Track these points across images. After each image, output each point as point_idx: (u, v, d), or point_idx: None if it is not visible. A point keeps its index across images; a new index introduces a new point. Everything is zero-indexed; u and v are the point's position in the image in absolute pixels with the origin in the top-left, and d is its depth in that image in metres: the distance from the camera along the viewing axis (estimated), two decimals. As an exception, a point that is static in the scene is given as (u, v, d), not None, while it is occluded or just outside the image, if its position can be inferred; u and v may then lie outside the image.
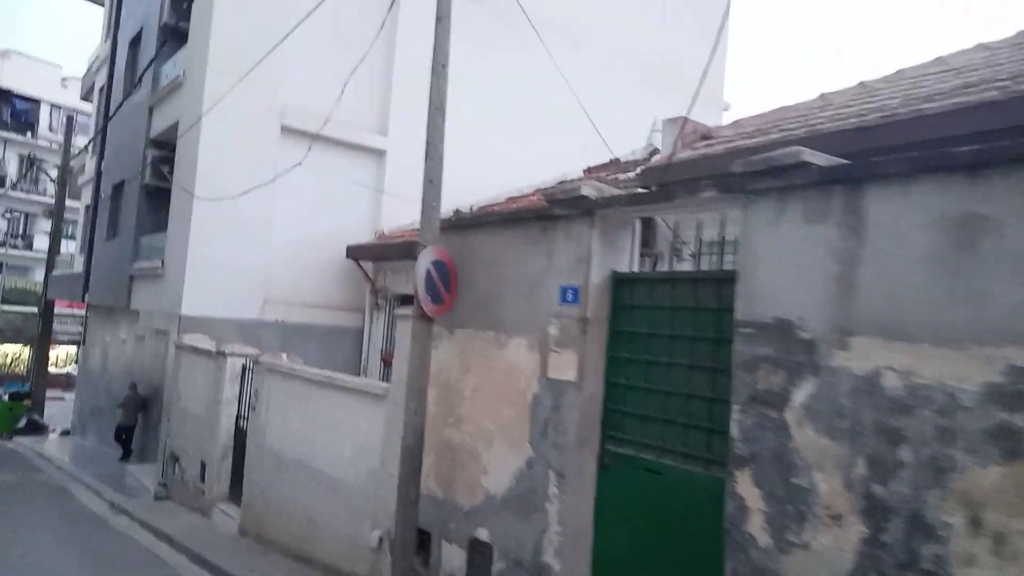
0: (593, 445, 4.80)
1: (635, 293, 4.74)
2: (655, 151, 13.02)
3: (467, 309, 5.85)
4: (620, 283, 4.84)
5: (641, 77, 17.78)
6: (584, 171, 13.41)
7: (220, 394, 10.07)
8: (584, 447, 4.80)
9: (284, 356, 9.00)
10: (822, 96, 8.28)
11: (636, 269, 5.72)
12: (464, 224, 6.05)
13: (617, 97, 17.04)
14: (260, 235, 12.95)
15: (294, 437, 8.02)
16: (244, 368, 10.17)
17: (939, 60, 7.51)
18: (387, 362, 12.94)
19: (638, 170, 8.90)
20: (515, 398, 5.28)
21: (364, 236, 14.04)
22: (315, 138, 13.41)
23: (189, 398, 11.18)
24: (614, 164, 13.24)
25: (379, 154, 14.34)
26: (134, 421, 14.77)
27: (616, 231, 4.94)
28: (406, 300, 13.59)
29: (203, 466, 10.35)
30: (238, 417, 10.06)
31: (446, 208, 14.59)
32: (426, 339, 5.69)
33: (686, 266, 6.51)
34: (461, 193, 14.62)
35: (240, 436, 9.95)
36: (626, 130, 17.29)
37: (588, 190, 4.75)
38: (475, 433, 5.60)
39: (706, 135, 8.76)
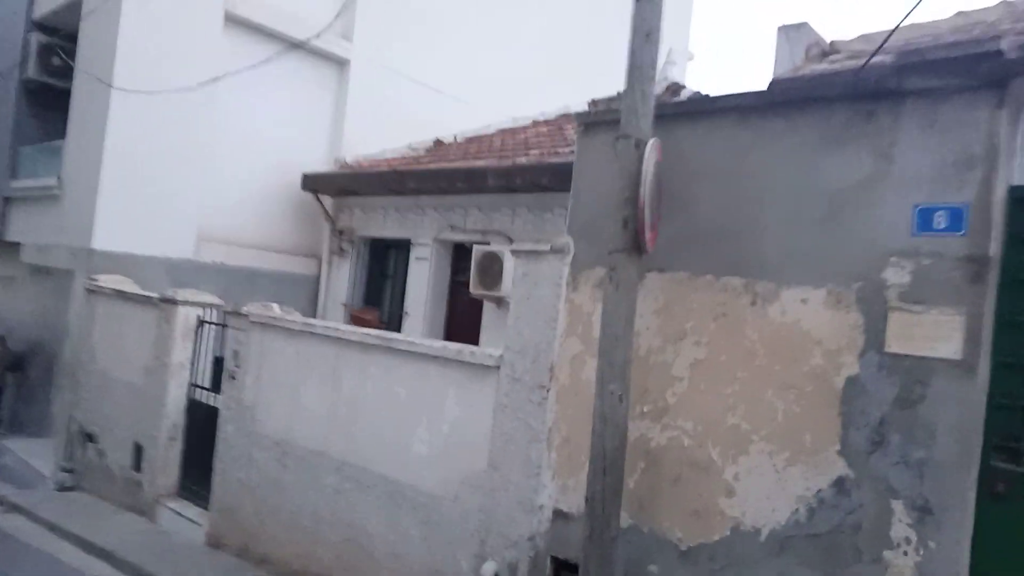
0: (974, 460, 2.94)
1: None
2: (674, 86, 11.18)
3: (675, 243, 3.77)
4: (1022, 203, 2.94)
5: (604, 17, 15.78)
6: (590, 103, 11.34)
7: (168, 356, 7.31)
8: (963, 465, 2.92)
9: (276, 307, 6.46)
10: (960, 14, 6.73)
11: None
12: (679, 112, 3.88)
13: (580, 36, 15.03)
14: (196, 153, 9.93)
15: (314, 421, 5.59)
16: (200, 322, 7.47)
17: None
18: (357, 319, 10.44)
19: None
20: (801, 383, 3.30)
21: (321, 165, 11.32)
22: (266, 34, 10.53)
23: (111, 359, 8.25)
24: (617, 98, 11.29)
25: (341, 64, 11.53)
26: (1, 383, 11.43)
27: (1011, 121, 3.02)
28: (380, 244, 11.12)
29: (138, 450, 7.57)
30: (191, 386, 7.39)
31: (418, 140, 12.15)
32: (633, 285, 3.55)
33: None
34: (435, 126, 12.22)
35: (197, 412, 7.29)
36: (595, 68, 15.38)
37: (1006, 44, 2.80)
38: (704, 433, 3.58)
39: (828, 51, 7.08)
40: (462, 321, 9.50)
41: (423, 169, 9.27)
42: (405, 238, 10.07)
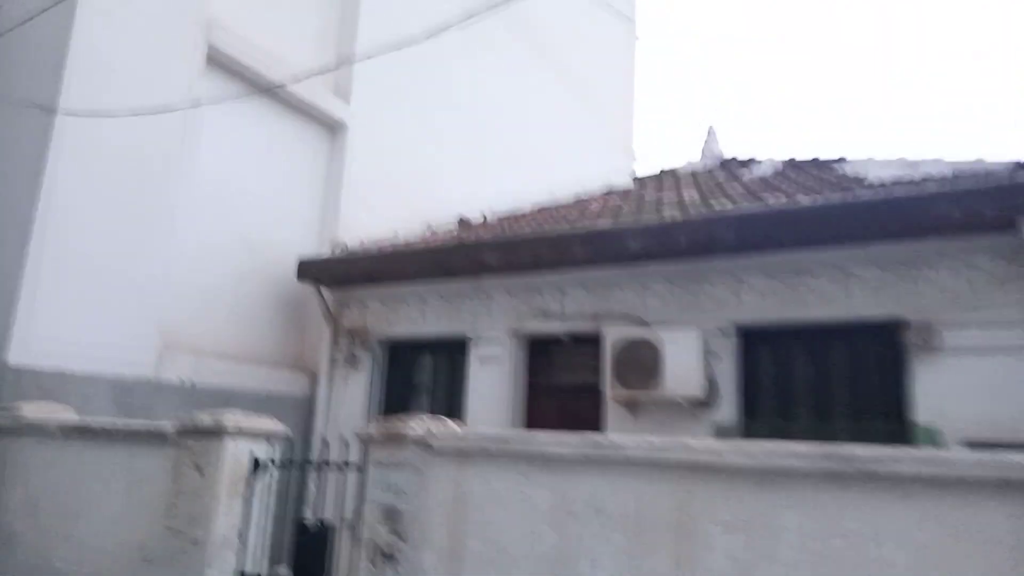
0: None
1: None
2: (724, 159, 9.79)
3: None
4: None
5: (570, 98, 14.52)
6: (634, 180, 9.66)
7: (203, 526, 4.03)
8: None
9: (451, 423, 3.66)
10: None
11: None
12: None
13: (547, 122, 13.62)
14: (162, 228, 6.86)
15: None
16: (257, 464, 4.34)
17: None
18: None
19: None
20: None
21: (312, 250, 8.53)
22: (251, 83, 7.92)
23: (55, 541, 4.71)
24: (669, 174, 9.72)
25: (336, 128, 8.99)
26: None
27: None
28: (408, 347, 8.18)
29: None
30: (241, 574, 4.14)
31: (432, 221, 9.66)
32: None
33: None
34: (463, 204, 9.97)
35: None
36: (569, 151, 13.96)
37: None
38: None
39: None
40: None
41: (512, 238, 6.85)
42: (457, 335, 7.41)
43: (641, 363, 5.90)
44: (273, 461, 4.31)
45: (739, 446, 2.73)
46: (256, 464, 4.28)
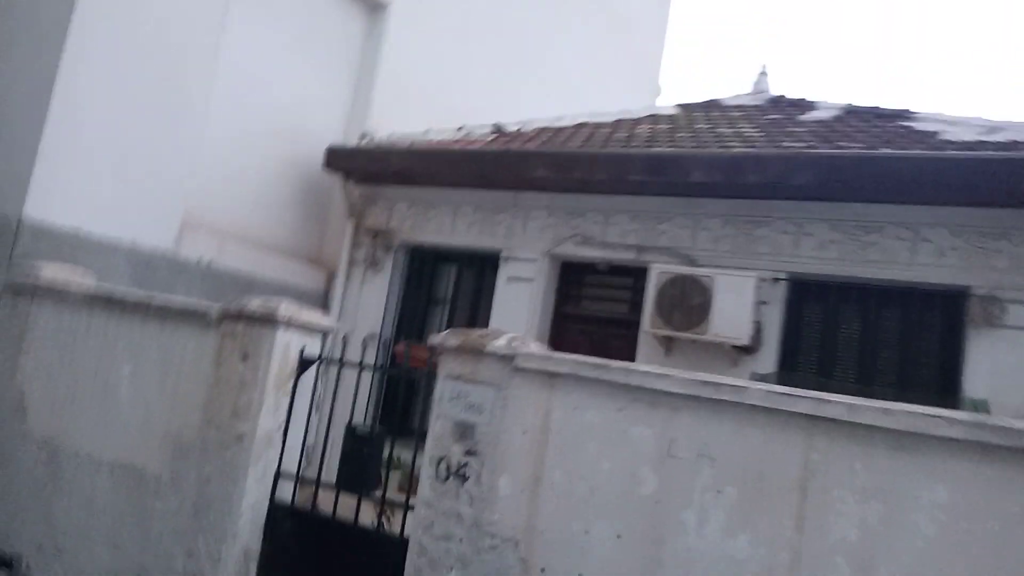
0: None
1: None
2: (774, 97, 9.34)
3: None
4: None
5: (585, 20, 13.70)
6: (679, 107, 9.18)
7: (246, 421, 3.80)
8: None
9: (535, 345, 3.42)
10: None
11: None
12: None
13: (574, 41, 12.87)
14: (187, 98, 6.33)
15: None
16: (304, 359, 4.07)
17: None
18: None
19: None
20: None
21: (339, 140, 8.05)
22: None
23: (75, 421, 4.45)
24: (715, 104, 9.25)
25: (375, 7, 8.39)
26: None
27: None
28: (433, 255, 7.91)
29: (148, 593, 3.94)
30: (278, 476, 3.93)
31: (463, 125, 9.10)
32: None
33: None
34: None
35: (290, 527, 3.86)
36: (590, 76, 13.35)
37: None
38: None
39: None
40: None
41: (567, 154, 6.46)
42: (487, 249, 7.12)
43: (688, 302, 5.69)
44: (320, 358, 4.05)
45: (876, 404, 2.53)
46: (303, 360, 4.01)
